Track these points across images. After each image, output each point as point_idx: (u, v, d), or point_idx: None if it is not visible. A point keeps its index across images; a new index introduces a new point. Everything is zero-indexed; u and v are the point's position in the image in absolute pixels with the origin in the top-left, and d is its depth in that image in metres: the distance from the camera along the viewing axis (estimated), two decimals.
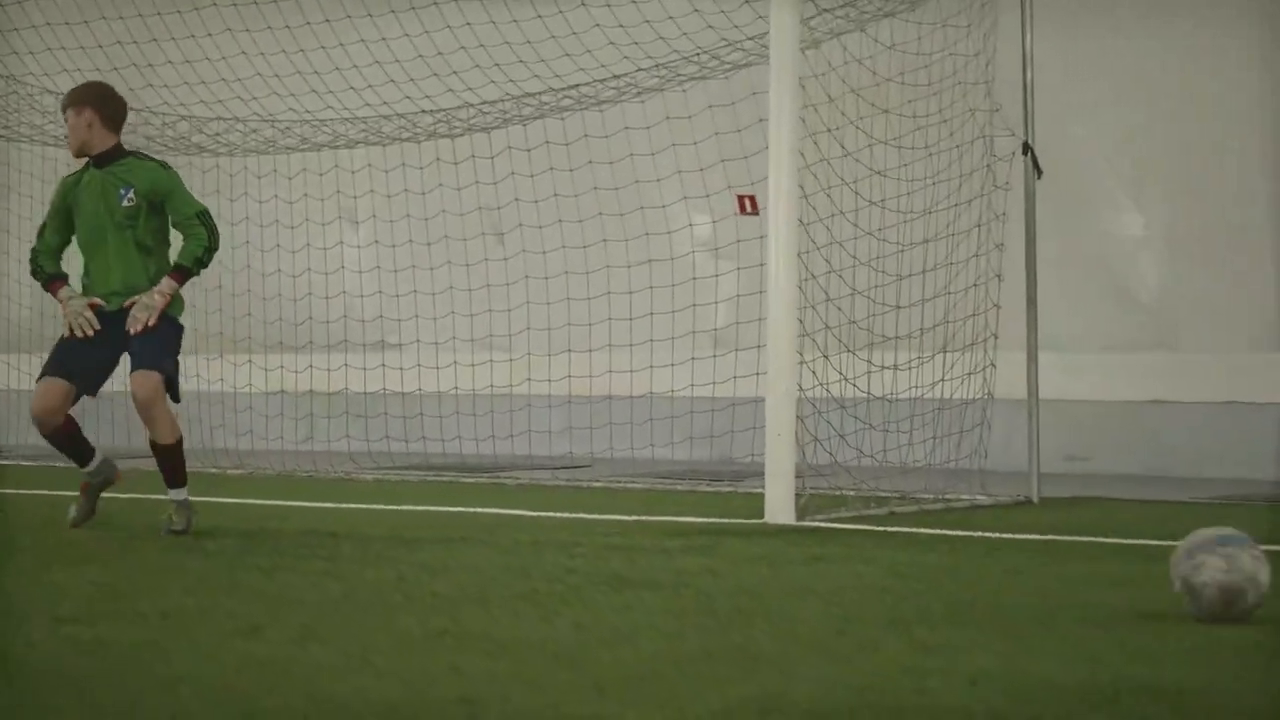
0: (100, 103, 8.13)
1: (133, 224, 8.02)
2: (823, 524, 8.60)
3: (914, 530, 8.44)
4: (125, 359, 8.15)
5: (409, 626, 5.25)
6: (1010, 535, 8.23)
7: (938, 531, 8.35)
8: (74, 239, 8.26)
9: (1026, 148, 10.30)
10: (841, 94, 9.99)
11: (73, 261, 8.32)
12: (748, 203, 11.88)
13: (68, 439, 8.29)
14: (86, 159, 8.15)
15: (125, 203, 8.01)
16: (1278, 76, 11.98)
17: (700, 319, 12.47)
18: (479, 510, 9.47)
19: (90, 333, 7.98)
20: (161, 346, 8.02)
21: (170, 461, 8.22)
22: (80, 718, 3.85)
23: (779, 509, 8.70)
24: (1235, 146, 12.06)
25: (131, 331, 7.94)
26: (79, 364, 8.08)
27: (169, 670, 4.50)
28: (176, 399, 8.14)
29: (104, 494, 8.63)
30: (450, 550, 7.50)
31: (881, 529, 8.50)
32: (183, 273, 8.08)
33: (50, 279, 8.28)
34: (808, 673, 4.48)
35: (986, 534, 8.28)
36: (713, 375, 12.16)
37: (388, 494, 10.58)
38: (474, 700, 4.07)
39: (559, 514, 9.23)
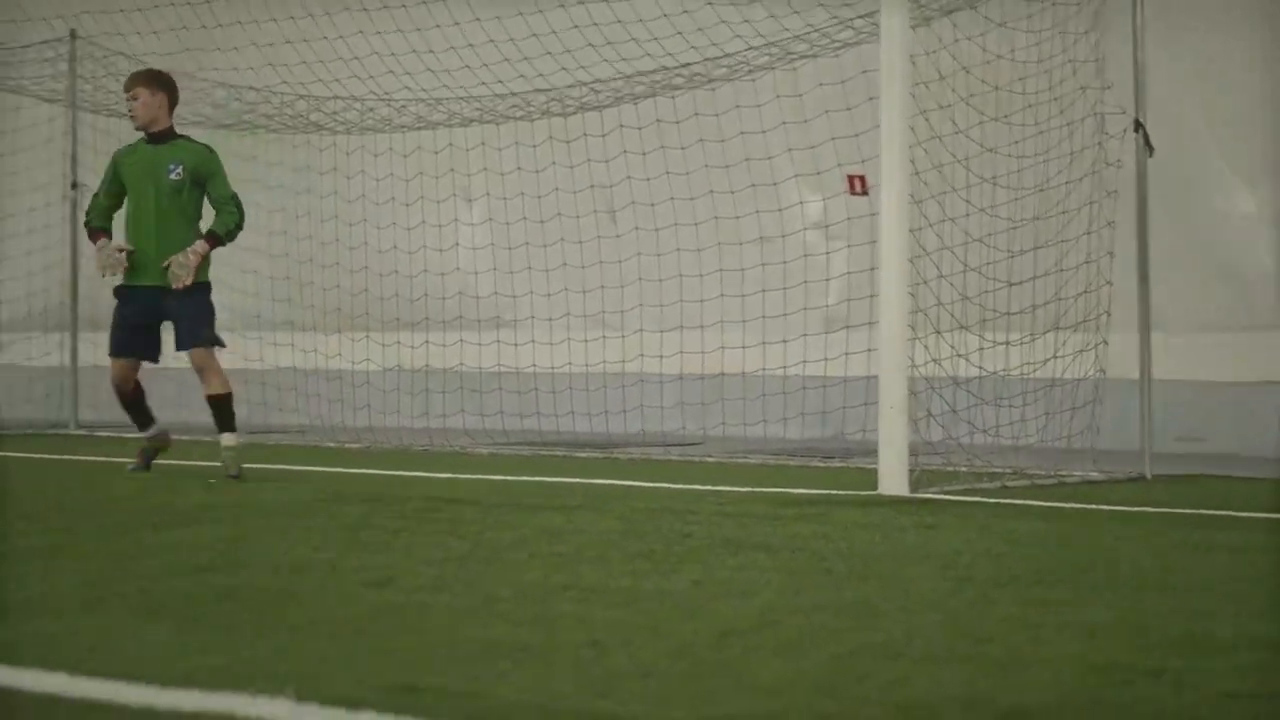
0: (170, 88, 9.58)
1: (176, 196, 9.31)
2: (935, 495, 8.66)
3: (1026, 502, 8.48)
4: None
5: (533, 580, 5.39)
6: (1123, 508, 8.25)
7: (1050, 504, 8.38)
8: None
9: (1138, 125, 10.29)
10: (952, 71, 10.03)
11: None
12: (857, 182, 11.94)
13: (135, 404, 9.68)
14: (142, 134, 9.46)
15: (173, 176, 9.31)
16: None
17: (812, 296, 12.54)
18: (593, 481, 9.61)
19: (118, 271, 9.34)
20: (199, 319, 9.36)
21: (223, 410, 9.56)
22: (228, 657, 4.00)
23: (892, 480, 8.76)
24: None
25: (175, 287, 9.21)
26: (136, 341, 9.47)
27: (307, 614, 4.66)
28: (222, 345, 9.53)
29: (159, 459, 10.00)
30: (567, 516, 7.62)
31: (994, 500, 8.55)
32: (214, 239, 9.35)
33: (95, 231, 9.60)
34: (926, 625, 4.57)
35: (1099, 506, 8.31)
36: (824, 352, 12.22)
37: (503, 466, 10.74)
38: (601, 644, 4.19)
39: (672, 485, 9.34)
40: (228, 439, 9.53)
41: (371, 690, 3.57)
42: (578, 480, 9.66)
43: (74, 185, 14.62)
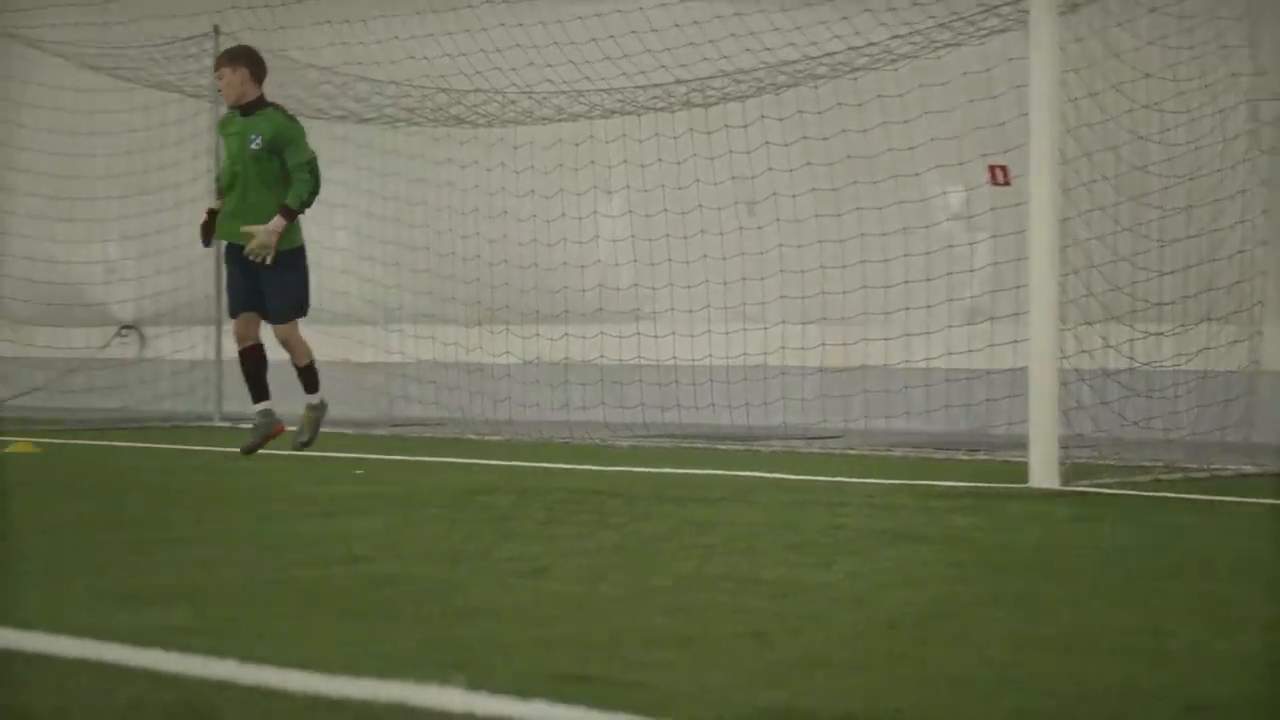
0: (252, 62, 10.20)
1: (257, 164, 9.97)
2: (1087, 489, 8.51)
3: (1182, 496, 8.31)
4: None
5: (688, 571, 5.34)
6: None
7: (1206, 498, 8.21)
8: None
9: None
10: (1103, 58, 9.86)
11: None
12: (999, 173, 11.78)
13: (254, 367, 10.30)
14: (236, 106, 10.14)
15: (254, 146, 9.98)
16: None
17: (955, 288, 12.39)
18: (736, 473, 9.54)
19: (259, 260, 9.89)
20: (283, 294, 10.03)
21: (306, 376, 10.41)
22: (392, 646, 3.98)
23: (1043, 473, 8.61)
24: None
25: (253, 260, 9.86)
26: (242, 298, 10.13)
27: (468, 602, 4.64)
28: (304, 313, 10.25)
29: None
30: (714, 508, 7.57)
31: (1149, 494, 8.38)
32: (287, 211, 9.90)
33: (217, 192, 10.45)
34: (1098, 617, 4.47)
35: (1258, 500, 8.11)
36: (968, 344, 12.07)
37: (645, 458, 10.70)
38: (766, 634, 4.13)
39: (816, 477, 9.25)
40: (311, 399, 10.43)
41: (540, 679, 3.53)
42: (721, 472, 9.59)
43: (218, 180, 14.76)
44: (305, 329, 13.49)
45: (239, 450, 10.34)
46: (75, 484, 8.41)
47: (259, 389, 10.35)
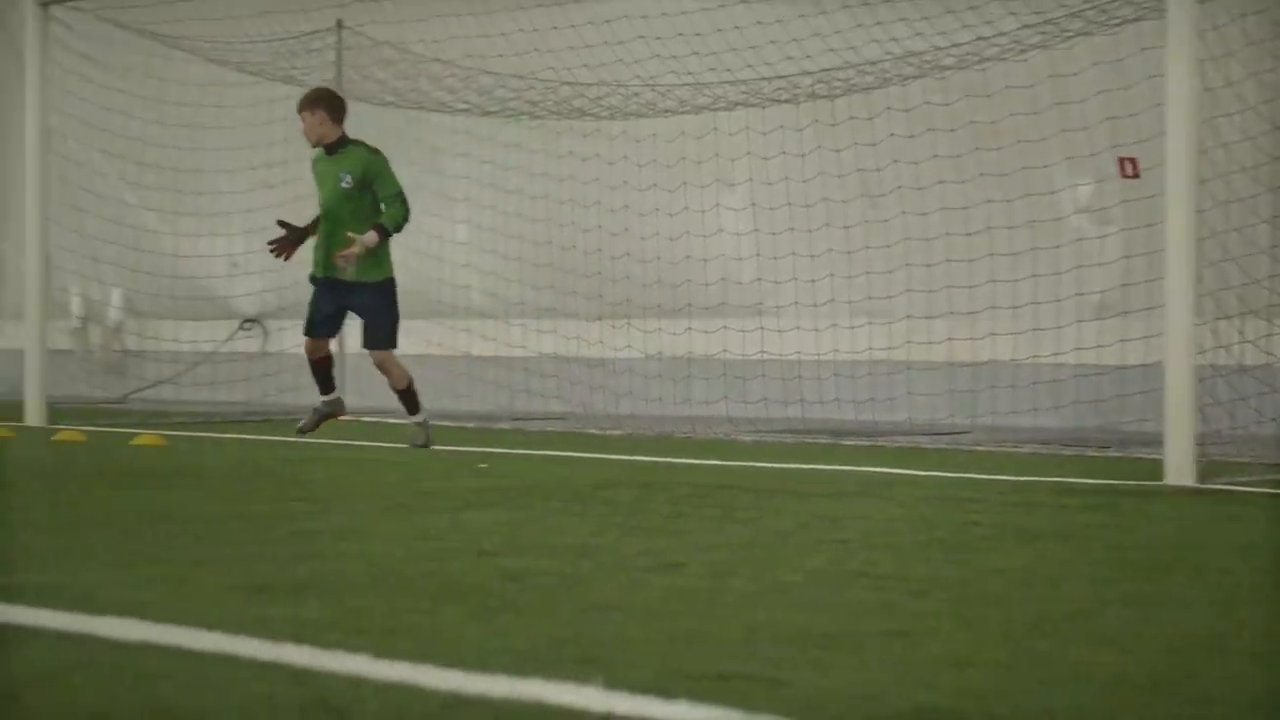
0: (329, 104, 10.60)
1: (348, 202, 10.38)
2: (1226, 486, 8.30)
3: None
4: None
5: (822, 567, 5.23)
6: None
7: None
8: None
9: None
10: (1241, 46, 9.63)
11: None
12: (1129, 165, 11.55)
13: (322, 372, 10.84)
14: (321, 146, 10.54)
15: (345, 185, 10.40)
16: None
17: (1085, 282, 12.17)
18: (863, 469, 9.41)
19: (348, 274, 10.40)
20: (379, 322, 10.50)
21: (406, 399, 10.73)
22: (526, 642, 3.91)
23: (1179, 470, 8.42)
24: None
25: (340, 266, 10.33)
26: (322, 326, 10.71)
27: (597, 598, 4.56)
28: (394, 345, 10.59)
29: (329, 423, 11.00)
30: (844, 503, 7.45)
31: None
32: (382, 230, 10.34)
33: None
34: (1250, 620, 4.32)
35: None
36: (1098, 340, 11.86)
37: (768, 453, 10.59)
38: (909, 633, 4.02)
39: (945, 474, 9.10)
40: (415, 418, 10.75)
41: (680, 678, 3.44)
42: (846, 468, 9.47)
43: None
44: (426, 321, 13.52)
45: (295, 431, 10.97)
46: (202, 477, 8.43)
47: (327, 384, 10.89)
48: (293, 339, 16.51)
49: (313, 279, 10.68)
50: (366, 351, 10.62)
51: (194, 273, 16.63)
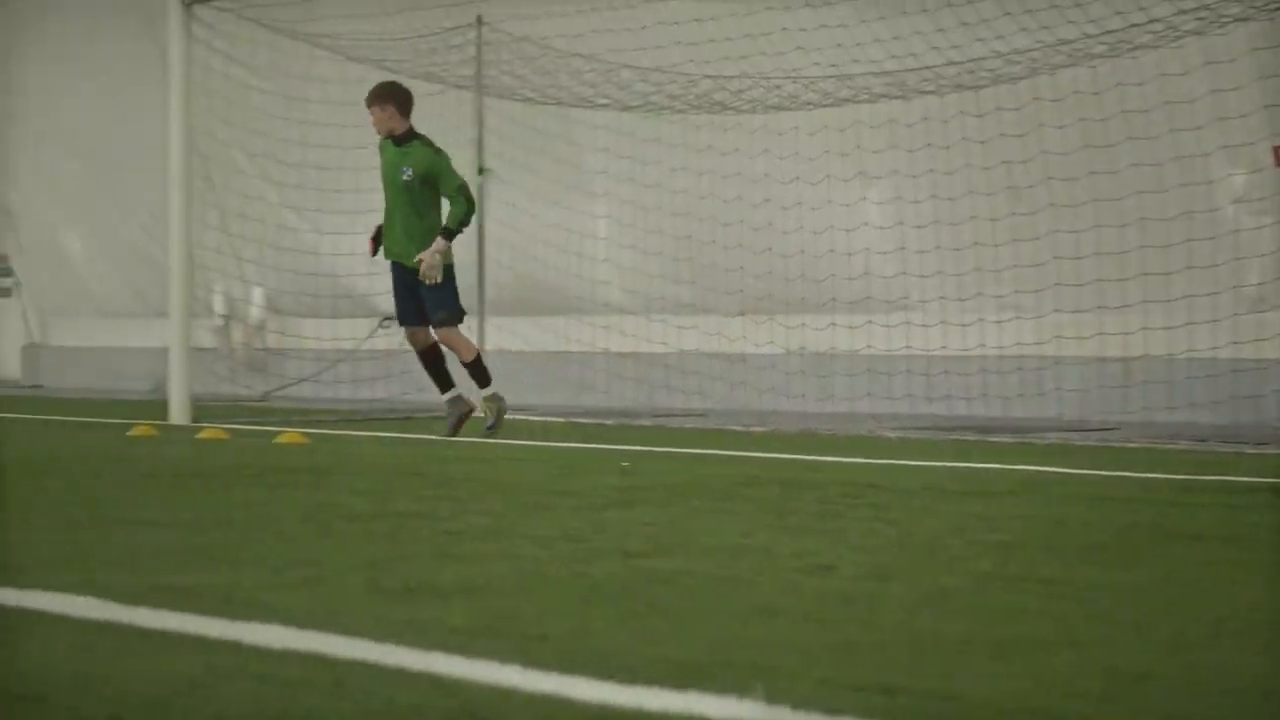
0: (395, 97, 11.13)
1: (408, 193, 10.94)
2: None
3: None
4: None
5: (983, 570, 5.04)
6: None
7: None
8: None
9: None
10: None
11: None
12: None
13: (431, 362, 11.30)
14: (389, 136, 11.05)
15: (405, 177, 10.94)
16: None
17: (1240, 274, 11.83)
18: (1014, 467, 9.18)
19: (430, 281, 10.95)
20: (438, 302, 10.99)
21: (475, 371, 11.27)
22: (679, 649, 3.77)
23: None
24: None
25: (428, 284, 10.91)
26: (408, 310, 11.20)
27: (751, 601, 4.41)
28: (460, 320, 11.19)
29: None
30: (997, 502, 7.24)
31: None
32: (448, 233, 10.91)
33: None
34: None
35: None
36: (1255, 333, 11.52)
37: (914, 451, 10.37)
38: (1080, 643, 3.82)
39: (1100, 472, 8.84)
40: (485, 393, 11.26)
41: (844, 690, 3.28)
42: (995, 466, 9.24)
43: (480, 171, 14.77)
44: (565, 318, 13.43)
45: (447, 435, 11.22)
46: (344, 475, 8.38)
47: (443, 380, 11.29)
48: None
49: (392, 265, 11.23)
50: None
51: (334, 270, 16.67)
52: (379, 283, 16.91)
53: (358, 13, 14.57)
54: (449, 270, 11.02)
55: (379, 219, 16.67)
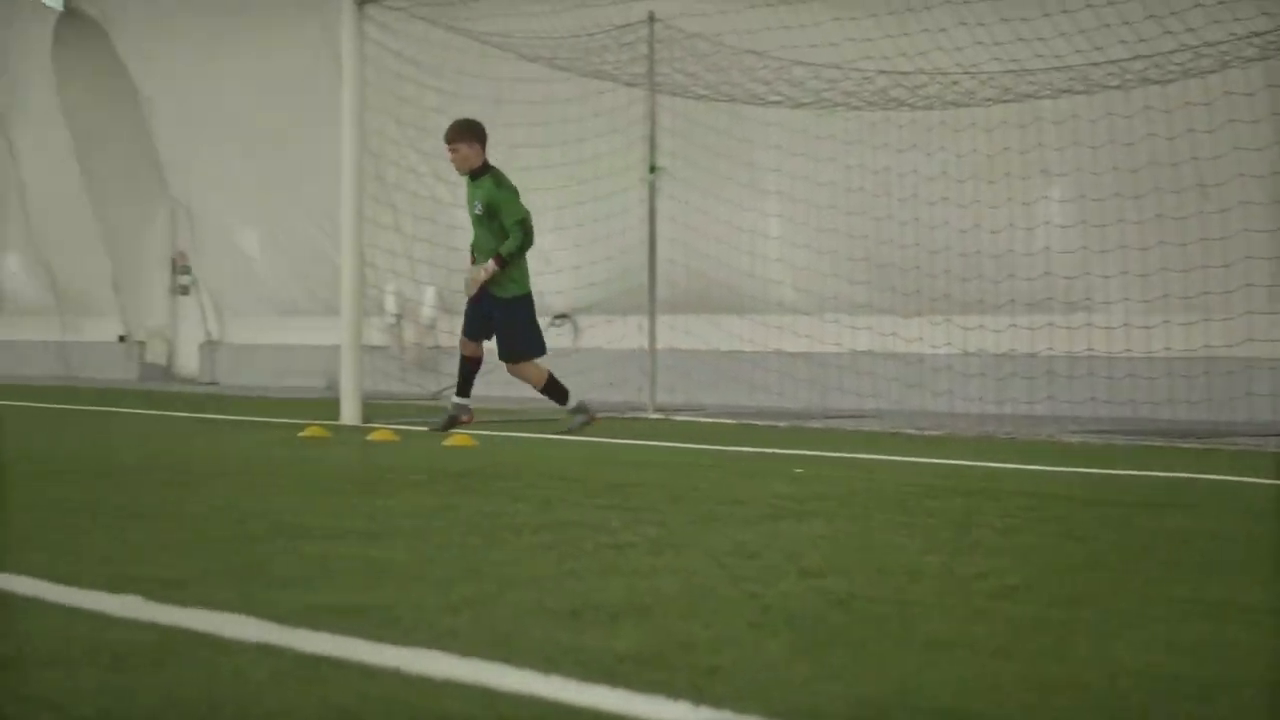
0: (480, 134, 11.72)
1: (481, 225, 11.72)
2: None
3: None
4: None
5: (1185, 594, 4.75)
6: None
7: None
8: None
9: None
10: None
11: None
12: None
13: (468, 372, 11.89)
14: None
15: (476, 211, 11.70)
16: None
17: None
18: (1208, 476, 8.80)
19: (468, 295, 11.86)
20: (512, 334, 11.73)
21: (551, 393, 11.99)
22: (861, 687, 3.56)
23: None
24: None
25: (467, 295, 11.84)
26: (475, 327, 11.87)
27: (936, 631, 4.17)
28: (535, 354, 11.87)
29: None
30: (1195, 516, 6.95)
31: None
32: (499, 260, 11.61)
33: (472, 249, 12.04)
34: None
35: None
36: None
37: (1100, 457, 10.01)
38: None
39: None
40: (570, 407, 11.99)
41: None
42: (1187, 475, 8.87)
43: (652, 169, 14.62)
44: (738, 317, 13.19)
45: (428, 429, 11.82)
46: (511, 479, 8.24)
47: (466, 387, 11.87)
48: (604, 335, 16.41)
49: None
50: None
51: None
52: (550, 281, 16.85)
53: (528, 11, 14.47)
54: (523, 305, 11.75)
55: (554, 217, 16.68)
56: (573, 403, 11.99)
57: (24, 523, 6.32)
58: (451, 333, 17.08)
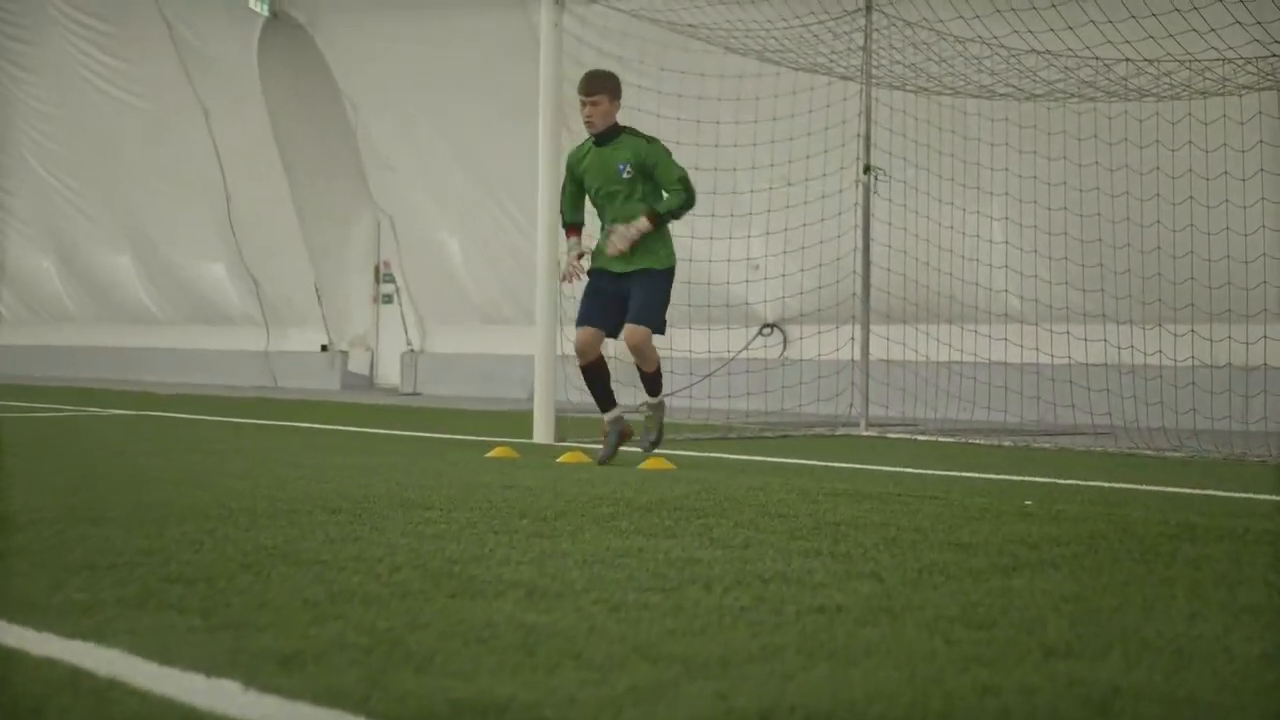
0: (618, 89, 10.19)
1: (631, 191, 10.07)
2: None
3: None
4: None
5: None
6: None
7: None
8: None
9: None
10: None
11: None
12: None
13: (598, 377, 10.34)
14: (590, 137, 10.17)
15: (625, 175, 10.06)
16: None
17: None
18: None
19: (571, 282, 10.39)
20: (651, 302, 10.10)
21: (650, 382, 10.45)
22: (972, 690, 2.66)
23: None
24: None
25: (609, 253, 10.06)
26: (594, 312, 10.26)
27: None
28: (661, 332, 10.19)
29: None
30: None
31: None
32: (657, 217, 10.03)
33: (565, 226, 10.54)
34: None
35: None
36: None
37: None
38: None
39: None
40: (651, 400, 10.48)
41: None
42: None
43: (866, 169, 13.72)
44: (951, 325, 12.26)
45: (597, 461, 10.33)
46: (706, 517, 7.41)
47: (606, 398, 10.40)
48: (815, 347, 15.54)
49: (592, 271, 10.31)
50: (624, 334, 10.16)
51: (710, 277, 15.80)
52: (757, 290, 16.01)
53: (734, 1, 13.64)
54: (668, 279, 10.20)
55: (761, 222, 15.83)
56: (657, 400, 10.48)
57: (151, 572, 5.61)
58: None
